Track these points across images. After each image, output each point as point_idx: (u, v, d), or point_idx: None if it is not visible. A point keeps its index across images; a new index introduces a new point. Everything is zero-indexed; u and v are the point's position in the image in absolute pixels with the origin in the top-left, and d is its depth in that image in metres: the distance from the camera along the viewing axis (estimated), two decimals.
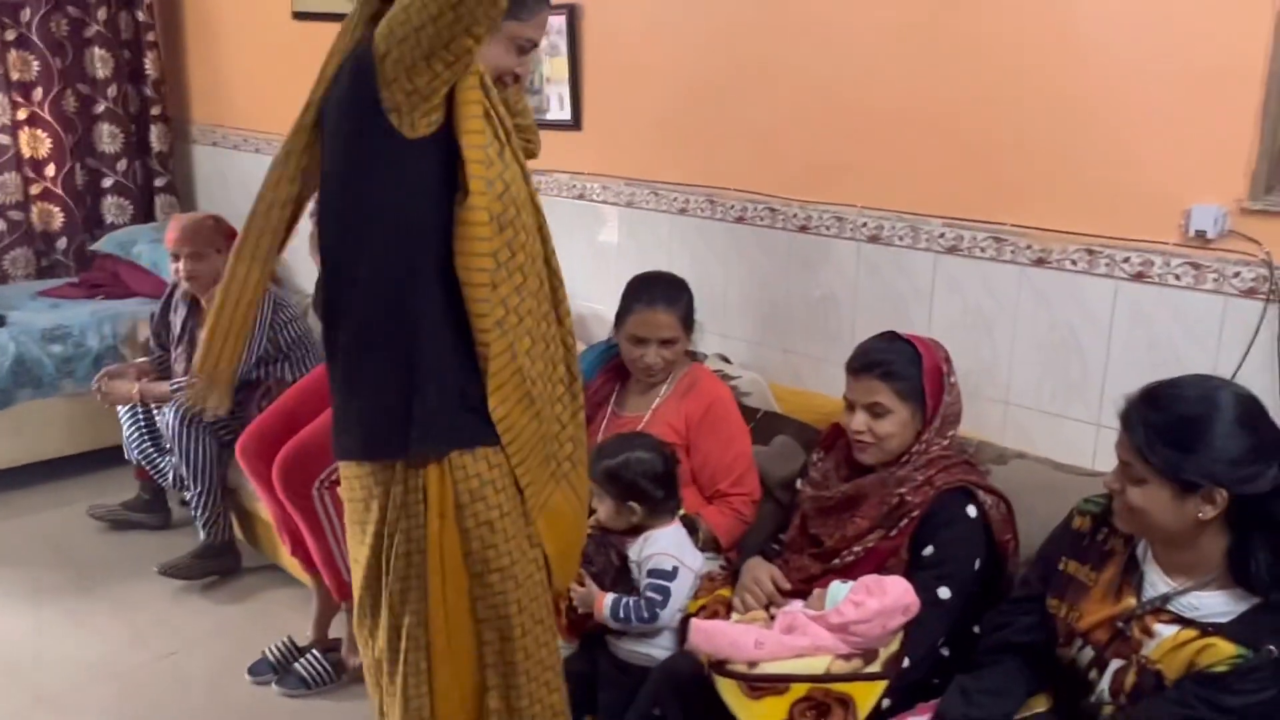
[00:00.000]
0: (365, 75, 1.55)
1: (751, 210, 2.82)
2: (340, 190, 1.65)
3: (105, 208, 4.74)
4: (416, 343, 1.61)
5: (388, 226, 1.61)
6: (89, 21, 4.56)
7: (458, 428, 1.62)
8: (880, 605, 1.79)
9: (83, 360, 3.92)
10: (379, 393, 1.65)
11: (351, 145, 1.61)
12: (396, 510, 1.65)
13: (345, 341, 1.68)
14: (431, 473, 1.63)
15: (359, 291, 1.64)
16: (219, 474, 3.27)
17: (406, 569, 1.67)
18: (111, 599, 3.23)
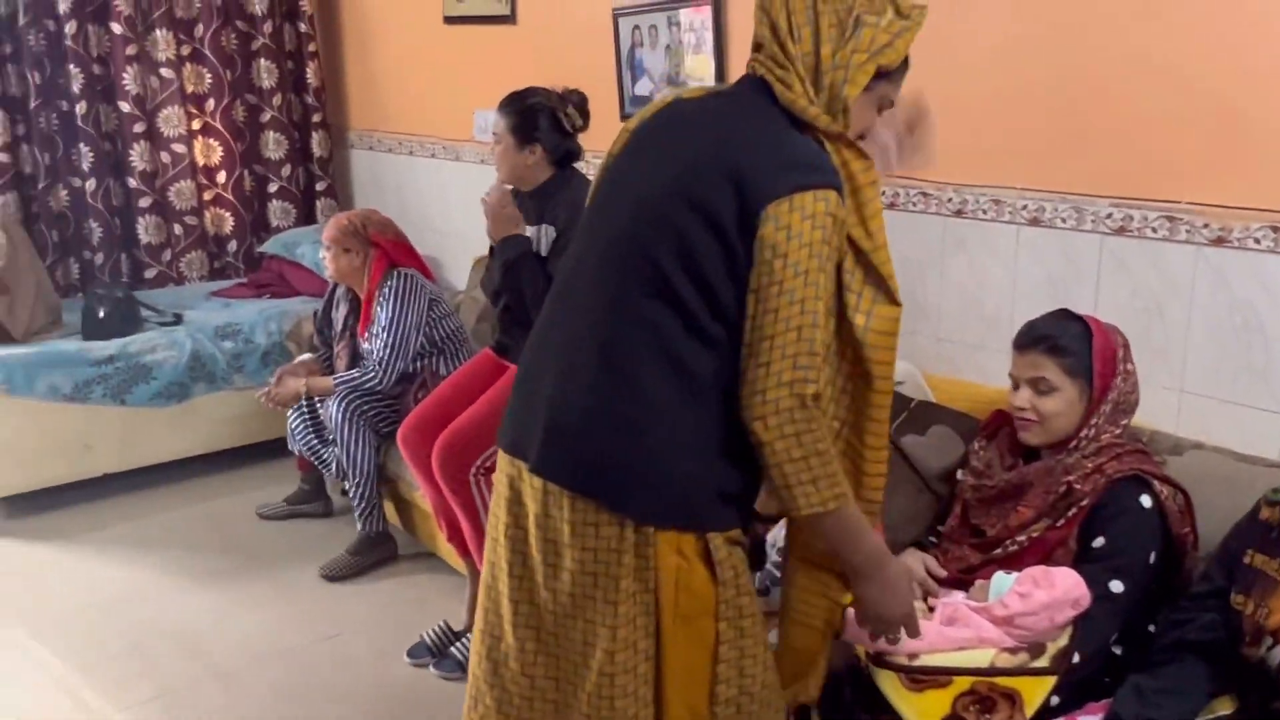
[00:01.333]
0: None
1: (904, 195, 2.75)
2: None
3: (271, 211, 4.97)
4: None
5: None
6: (256, 35, 4.80)
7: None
8: (1048, 598, 1.71)
9: (252, 356, 4.12)
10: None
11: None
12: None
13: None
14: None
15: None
16: (377, 465, 3.39)
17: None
18: (277, 583, 3.38)
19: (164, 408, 3.97)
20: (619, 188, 1.67)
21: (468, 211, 4.26)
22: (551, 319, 1.71)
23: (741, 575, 1.62)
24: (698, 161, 1.55)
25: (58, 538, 3.71)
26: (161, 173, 4.68)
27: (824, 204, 1.48)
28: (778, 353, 1.47)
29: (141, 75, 4.55)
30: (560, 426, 1.59)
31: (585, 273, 1.66)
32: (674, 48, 3.33)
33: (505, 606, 1.69)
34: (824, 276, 1.49)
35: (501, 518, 1.69)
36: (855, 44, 1.53)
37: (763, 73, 1.58)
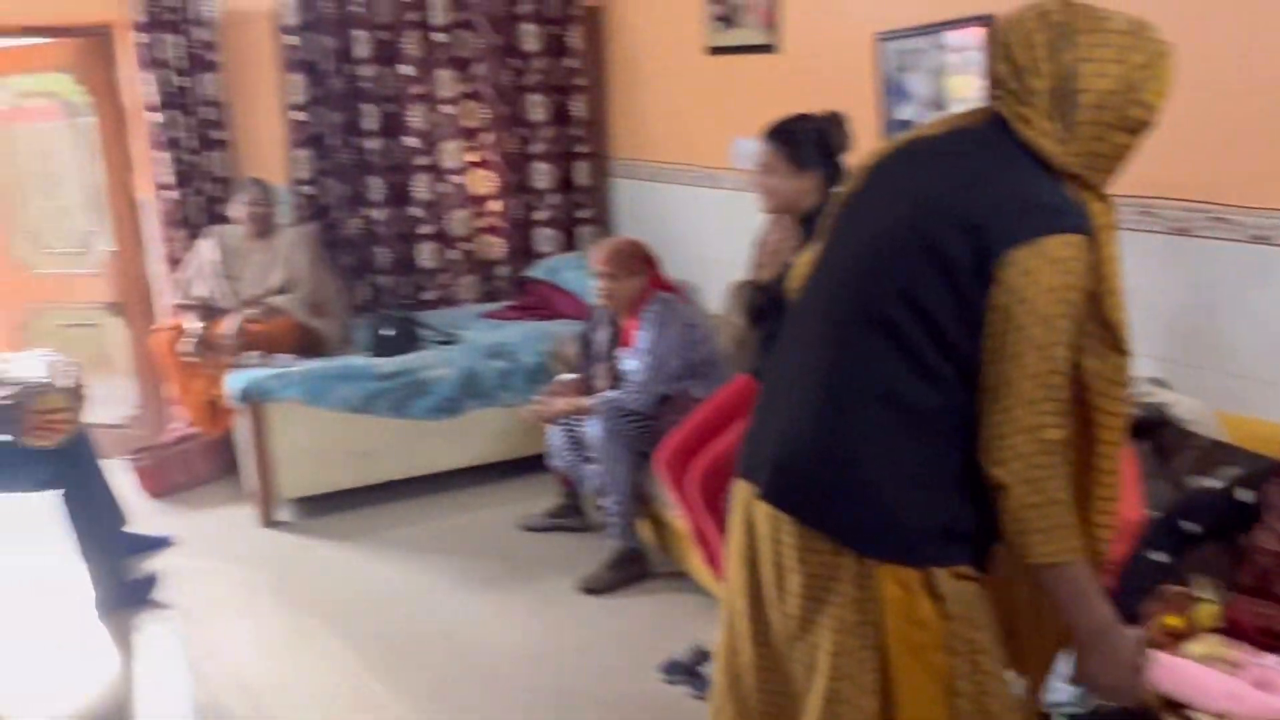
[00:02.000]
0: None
1: (1196, 221, 2.58)
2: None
3: (537, 238, 5.24)
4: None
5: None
6: (528, 71, 5.08)
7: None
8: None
9: (519, 374, 4.35)
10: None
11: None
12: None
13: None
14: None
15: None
16: (634, 483, 3.49)
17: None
18: (537, 592, 3.53)
19: (438, 421, 4.25)
20: (852, 224, 1.67)
21: (725, 237, 4.34)
22: (786, 348, 1.75)
23: (974, 609, 1.58)
24: (933, 201, 1.53)
25: (344, 537, 4.04)
26: (441, 202, 5.03)
27: (1070, 248, 1.45)
28: (1020, 398, 1.45)
29: (426, 112, 4.91)
30: (786, 457, 1.63)
31: (816, 306, 1.68)
32: (939, 70, 3.27)
33: (742, 622, 1.75)
34: (1067, 322, 1.46)
35: (737, 538, 1.74)
36: (1105, 85, 1.47)
37: (1002, 110, 1.54)
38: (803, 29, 3.90)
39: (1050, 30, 1.48)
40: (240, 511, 4.27)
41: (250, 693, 3.05)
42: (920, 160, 1.62)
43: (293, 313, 4.28)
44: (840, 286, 1.63)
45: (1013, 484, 1.47)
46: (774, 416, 1.68)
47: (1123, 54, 1.47)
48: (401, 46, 4.83)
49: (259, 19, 4.72)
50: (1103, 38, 1.47)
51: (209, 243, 4.43)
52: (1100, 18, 1.49)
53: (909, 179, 1.60)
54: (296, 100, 4.73)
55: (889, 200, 1.60)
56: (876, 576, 1.56)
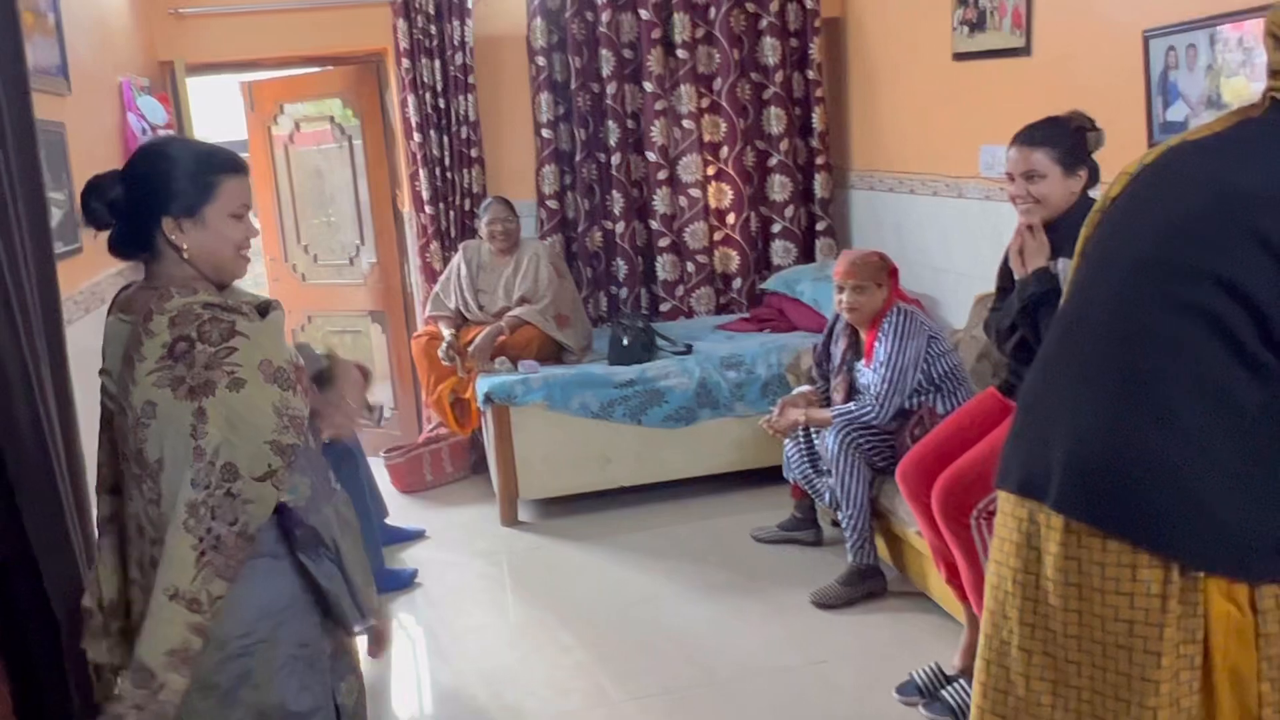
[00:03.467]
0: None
1: None
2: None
3: (773, 250, 5.23)
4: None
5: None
6: (768, 84, 5.10)
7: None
8: None
9: (752, 386, 4.35)
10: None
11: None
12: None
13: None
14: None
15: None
16: (870, 498, 3.42)
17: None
18: (769, 603, 3.51)
19: (673, 429, 4.31)
20: (1135, 216, 1.58)
21: (969, 248, 4.20)
22: (1059, 353, 1.64)
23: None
24: (1248, 189, 1.44)
25: (581, 539, 4.16)
26: (679, 215, 5.12)
27: None
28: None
29: (667, 128, 5.02)
30: (1085, 460, 1.51)
31: (1101, 301, 1.58)
32: (1215, 68, 3.04)
33: (1015, 657, 1.62)
34: None
35: (1008, 563, 1.62)
36: None
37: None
38: (1057, 29, 3.72)
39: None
40: (484, 509, 4.49)
41: (490, 680, 3.19)
42: (1214, 153, 1.53)
43: (536, 322, 4.46)
44: (1135, 280, 1.53)
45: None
46: (1056, 421, 1.58)
47: None
48: (645, 64, 4.95)
49: (511, 42, 4.96)
50: None
51: (460, 257, 4.68)
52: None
53: (1207, 170, 1.52)
54: (544, 119, 4.94)
55: (1186, 192, 1.52)
56: (1205, 591, 1.44)
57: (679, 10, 4.94)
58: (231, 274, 1.82)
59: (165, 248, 1.75)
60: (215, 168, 1.77)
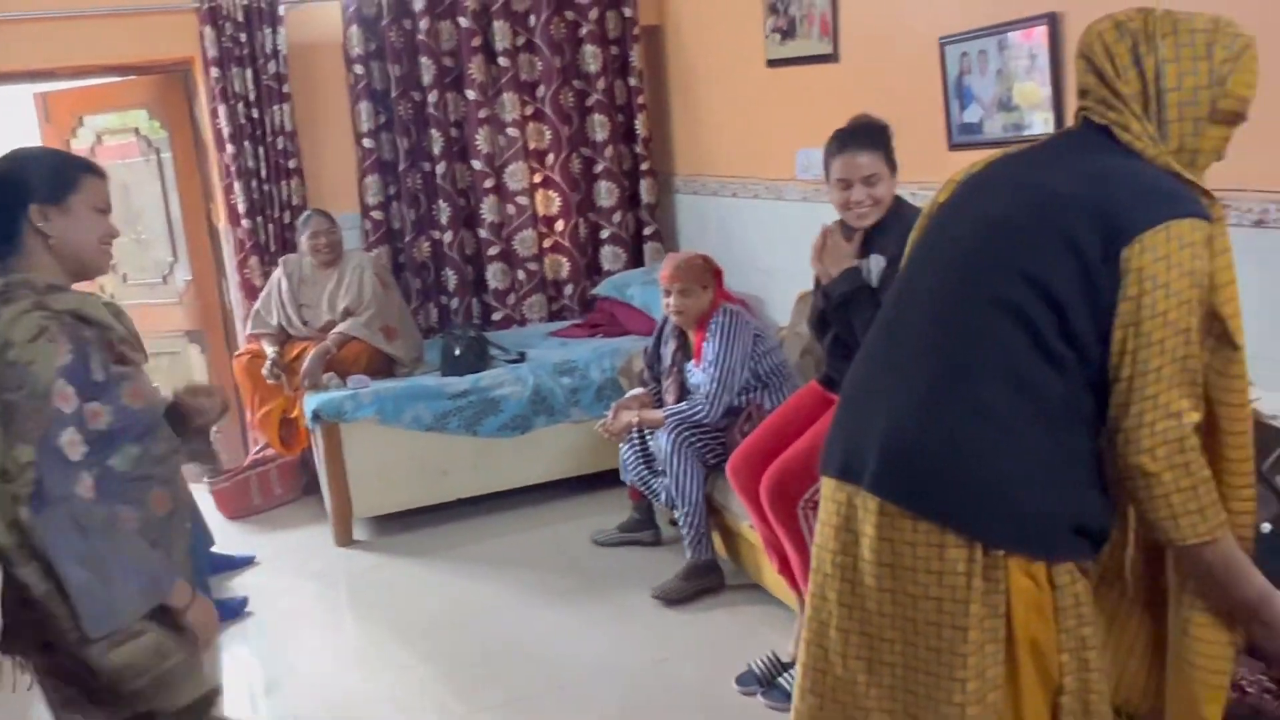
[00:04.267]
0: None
1: (1274, 212, 2.51)
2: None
3: (603, 256, 5.28)
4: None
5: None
6: (591, 91, 5.14)
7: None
8: None
9: (587, 390, 4.37)
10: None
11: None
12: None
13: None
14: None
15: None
16: (705, 495, 3.48)
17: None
18: (611, 604, 3.54)
19: (509, 438, 4.29)
20: (956, 216, 1.68)
21: (791, 248, 4.33)
22: (880, 345, 1.72)
23: (1083, 605, 1.56)
24: (1058, 192, 1.55)
25: (420, 554, 4.09)
26: (507, 223, 5.10)
27: (1198, 233, 1.47)
28: (1164, 384, 1.46)
29: (492, 136, 4.99)
30: (900, 445, 1.59)
31: (920, 297, 1.67)
32: (1005, 72, 3.24)
33: (833, 638, 1.68)
34: (1200, 307, 1.48)
35: (828, 546, 1.69)
36: (1191, 83, 1.52)
37: (1096, 118, 1.58)
38: (862, 37, 3.89)
39: (1129, 37, 1.55)
40: (317, 531, 4.36)
41: (332, 707, 3.10)
42: (1030, 162, 1.66)
43: (363, 336, 4.36)
44: (953, 272, 1.63)
45: (1161, 470, 1.46)
46: (874, 409, 1.64)
47: (1206, 50, 1.51)
48: (466, 72, 4.91)
49: (327, 50, 4.84)
50: (1184, 38, 1.52)
51: (280, 271, 4.54)
52: (1179, 19, 1.53)
53: (1025, 175, 1.64)
54: (365, 128, 4.84)
55: (1002, 196, 1.63)
56: (1005, 568, 1.52)
57: (499, 18, 4.93)
58: (96, 268, 1.90)
59: (31, 239, 1.80)
60: (76, 165, 1.89)
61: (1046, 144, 1.69)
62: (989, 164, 1.71)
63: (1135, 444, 1.47)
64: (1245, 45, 1.53)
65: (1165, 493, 1.47)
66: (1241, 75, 1.53)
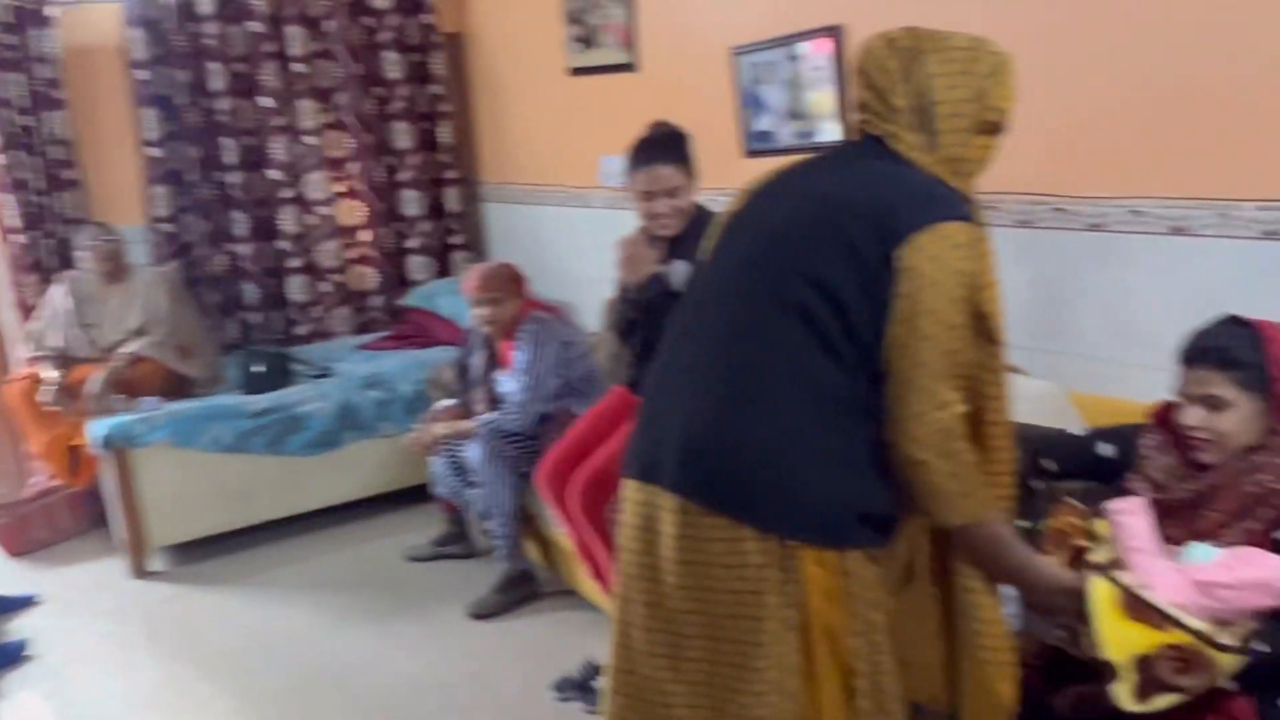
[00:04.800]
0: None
1: (1039, 213, 2.70)
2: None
3: (410, 266, 5.19)
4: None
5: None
6: (392, 99, 5.04)
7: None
8: (1255, 576, 1.61)
9: (396, 404, 4.28)
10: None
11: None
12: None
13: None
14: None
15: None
16: (518, 504, 3.47)
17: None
18: (427, 622, 3.47)
19: (316, 456, 4.15)
20: (746, 224, 1.74)
21: (598, 255, 4.36)
22: (675, 349, 1.76)
23: (872, 590, 1.64)
24: (837, 196, 1.63)
25: (222, 582, 3.90)
26: (309, 235, 4.94)
27: (965, 234, 1.56)
28: (934, 377, 1.55)
29: (288, 144, 4.82)
30: (696, 444, 1.63)
31: (711, 300, 1.72)
32: (794, 81, 3.36)
33: (638, 638, 1.71)
34: (968, 304, 1.57)
35: (631, 547, 1.71)
36: (957, 96, 1.61)
37: (873, 130, 1.67)
38: (659, 47, 3.96)
39: (900, 54, 1.64)
40: (110, 564, 4.09)
41: None
42: (814, 170, 1.74)
43: (156, 355, 4.14)
44: (741, 275, 1.68)
45: (931, 459, 1.55)
46: (671, 411, 1.68)
47: (969, 66, 1.61)
48: (259, 78, 4.73)
49: (106, 54, 4.57)
50: (949, 54, 1.62)
51: (60, 289, 4.25)
52: (943, 37, 1.64)
53: (807, 183, 1.71)
54: (150, 136, 4.59)
55: (788, 201, 1.70)
56: (799, 558, 1.58)
57: (292, 23, 4.77)
58: None
59: None
60: None
61: (828, 154, 1.78)
62: (776, 174, 1.77)
63: (907, 433, 1.56)
64: (1003, 62, 1.65)
65: (935, 479, 1.56)
66: (1000, 89, 1.64)
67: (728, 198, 1.84)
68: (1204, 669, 1.58)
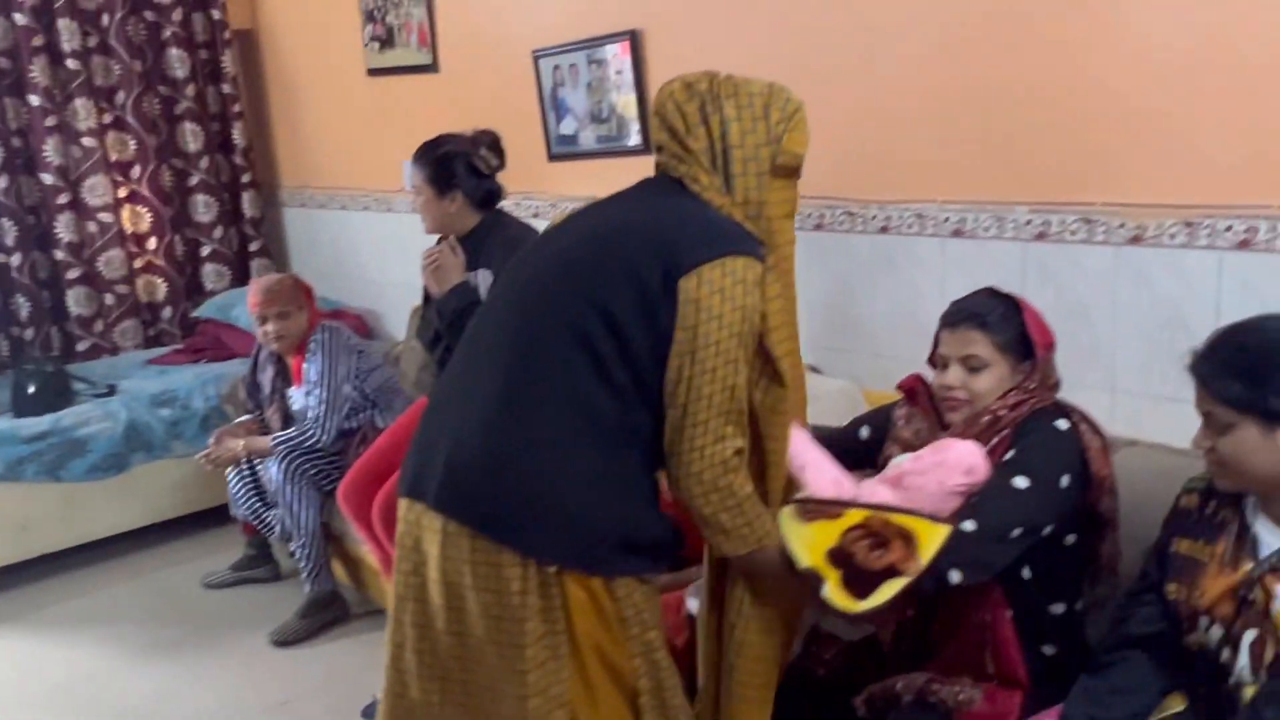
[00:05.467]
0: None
1: (830, 216, 2.77)
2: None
3: (204, 275, 4.92)
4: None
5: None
6: (180, 98, 4.76)
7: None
8: (937, 458, 1.68)
9: (190, 422, 4.04)
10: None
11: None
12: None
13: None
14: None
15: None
16: (322, 523, 3.33)
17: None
18: (227, 652, 3.29)
19: (102, 480, 3.87)
20: (544, 247, 1.74)
21: (404, 262, 4.24)
22: (457, 365, 1.73)
23: (645, 611, 1.63)
24: (627, 227, 1.63)
25: None
26: (89, 243, 4.60)
27: (753, 272, 1.56)
28: (713, 410, 1.54)
29: (63, 146, 4.48)
30: (461, 463, 1.60)
31: (497, 320, 1.69)
32: (595, 85, 3.35)
33: (409, 660, 1.67)
34: (751, 340, 1.57)
35: (402, 567, 1.67)
36: (753, 141, 1.62)
37: (670, 171, 1.67)
38: (459, 48, 3.88)
39: (697, 98, 1.63)
40: None
41: None
42: (611, 203, 1.74)
43: None
44: (523, 295, 1.66)
45: (708, 491, 1.55)
46: (443, 428, 1.64)
47: (764, 111, 1.63)
48: (28, 74, 4.38)
49: None
50: (744, 99, 1.63)
51: None
52: (739, 83, 1.65)
53: (606, 212, 1.71)
54: None
55: (578, 227, 1.70)
56: (560, 584, 1.56)
57: (64, 16, 4.43)
58: None
59: None
60: None
61: (633, 188, 1.76)
62: (576, 210, 1.78)
63: (685, 466, 1.55)
64: (796, 108, 1.67)
65: (714, 512, 1.57)
66: (795, 134, 1.66)
67: (534, 202, 1.82)
68: (901, 540, 1.58)
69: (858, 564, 1.57)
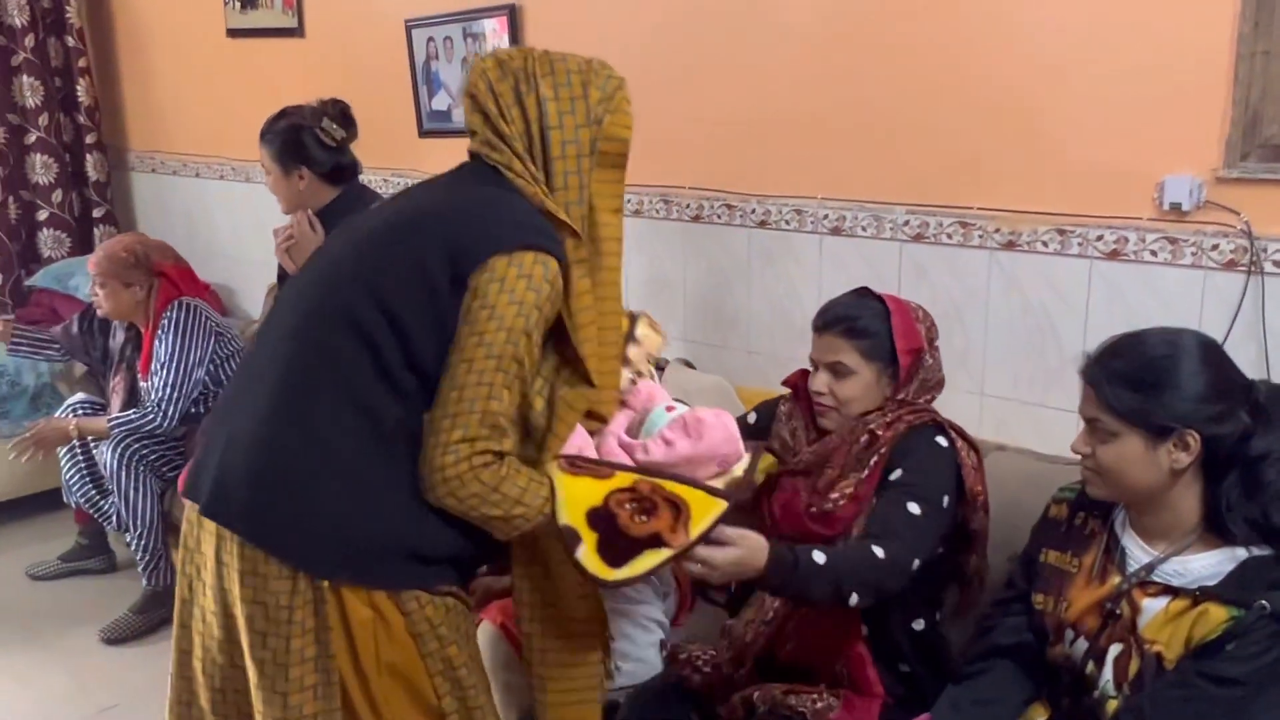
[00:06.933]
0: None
1: (708, 208, 2.71)
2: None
3: (41, 241, 4.57)
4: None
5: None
6: (17, 49, 4.40)
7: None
8: (691, 450, 1.60)
9: (19, 400, 3.76)
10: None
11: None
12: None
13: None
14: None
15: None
16: (161, 513, 3.12)
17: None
18: (50, 651, 3.06)
19: None
20: (342, 233, 1.63)
21: (262, 235, 4.01)
22: (246, 359, 1.63)
23: (441, 626, 1.51)
24: (419, 216, 1.53)
25: None
26: None
27: (544, 268, 1.46)
28: (465, 405, 1.42)
29: None
30: (230, 466, 1.48)
31: (284, 310, 1.58)
32: (471, 61, 3.21)
33: (195, 668, 1.56)
34: (527, 340, 1.45)
35: (184, 571, 1.56)
36: (571, 122, 1.52)
37: (483, 156, 1.56)
38: (328, 12, 3.68)
39: (511, 77, 1.53)
40: None
41: None
42: (421, 189, 1.64)
43: None
44: (315, 291, 1.53)
45: (454, 489, 1.42)
46: (226, 419, 1.53)
47: (583, 90, 1.53)
48: None
49: None
50: (562, 77, 1.53)
51: None
52: (555, 60, 1.55)
53: (409, 201, 1.61)
54: None
55: (386, 215, 1.57)
56: (339, 600, 1.44)
57: None
58: None
59: None
60: None
61: (444, 176, 1.64)
62: (404, 190, 1.68)
63: (431, 459, 1.43)
64: (617, 86, 1.57)
65: (466, 510, 1.45)
66: (617, 116, 1.56)
67: (404, 180, 1.69)
68: (670, 509, 1.48)
69: (619, 526, 1.45)
